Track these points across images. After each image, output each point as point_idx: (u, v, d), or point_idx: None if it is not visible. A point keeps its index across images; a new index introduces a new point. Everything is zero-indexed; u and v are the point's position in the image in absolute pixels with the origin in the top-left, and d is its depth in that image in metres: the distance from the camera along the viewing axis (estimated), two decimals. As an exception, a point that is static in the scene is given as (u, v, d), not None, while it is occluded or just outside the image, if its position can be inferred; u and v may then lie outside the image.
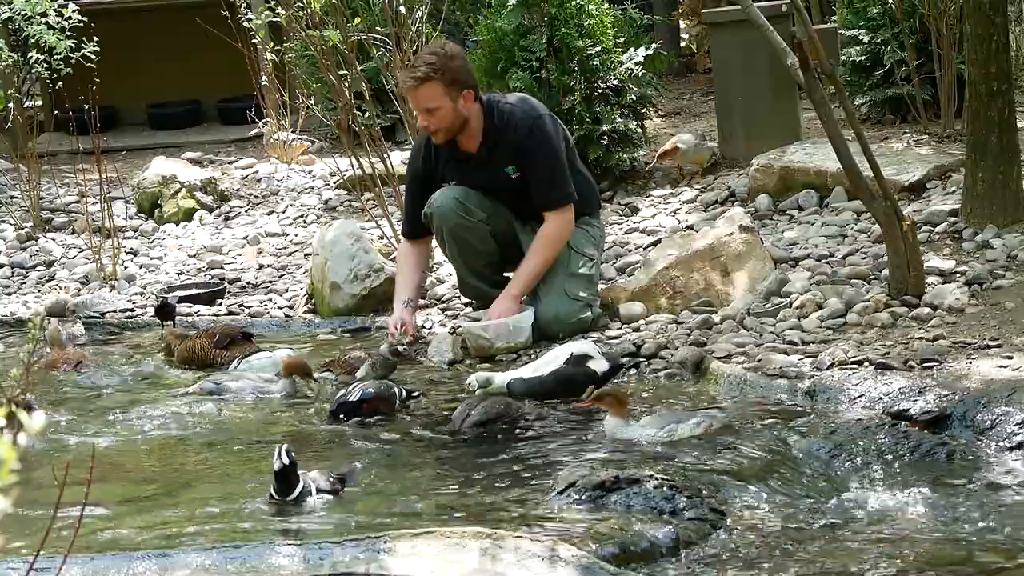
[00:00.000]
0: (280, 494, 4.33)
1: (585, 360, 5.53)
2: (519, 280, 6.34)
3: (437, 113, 6.20)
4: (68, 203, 9.97)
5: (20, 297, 8.17)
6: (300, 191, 9.98)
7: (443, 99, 6.17)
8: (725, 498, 4.25)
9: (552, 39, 8.59)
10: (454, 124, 6.25)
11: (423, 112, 6.24)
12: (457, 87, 6.18)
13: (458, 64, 6.22)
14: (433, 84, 6.15)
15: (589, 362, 5.53)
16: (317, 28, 8.27)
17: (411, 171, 6.68)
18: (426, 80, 6.15)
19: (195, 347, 6.37)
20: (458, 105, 6.20)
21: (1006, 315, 5.76)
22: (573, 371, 5.49)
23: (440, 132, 6.27)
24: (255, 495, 4.45)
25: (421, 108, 6.25)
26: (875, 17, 9.54)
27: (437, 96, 6.16)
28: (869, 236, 6.99)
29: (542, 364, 5.62)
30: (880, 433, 4.66)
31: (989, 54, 6.70)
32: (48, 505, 4.09)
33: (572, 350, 5.60)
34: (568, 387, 5.43)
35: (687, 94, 12.80)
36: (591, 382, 5.42)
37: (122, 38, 11.93)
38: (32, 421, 2.18)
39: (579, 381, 5.42)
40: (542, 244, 6.32)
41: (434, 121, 6.22)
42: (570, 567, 3.58)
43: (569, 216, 6.35)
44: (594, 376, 5.47)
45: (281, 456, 4.33)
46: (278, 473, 4.33)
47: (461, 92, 6.19)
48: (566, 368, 5.51)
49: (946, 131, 8.93)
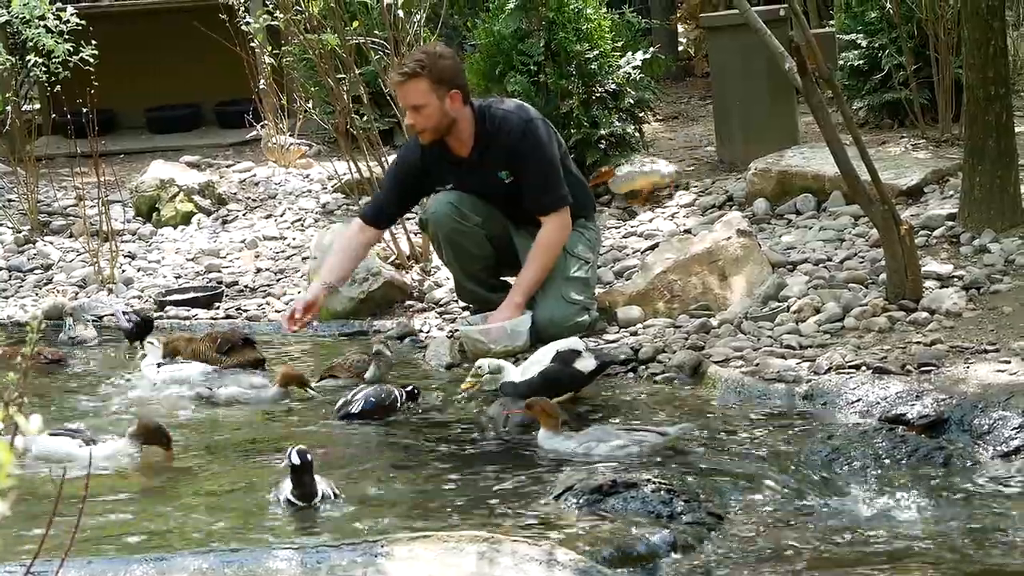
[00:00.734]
0: (301, 500, 4.28)
1: (573, 357, 5.52)
2: (521, 287, 6.33)
3: (423, 111, 6.20)
4: (66, 206, 9.97)
5: (18, 300, 8.17)
6: (298, 195, 9.98)
7: (429, 96, 6.17)
8: (722, 502, 4.25)
9: (550, 43, 8.59)
10: (440, 124, 6.24)
11: (410, 109, 6.24)
12: (444, 86, 6.18)
13: (446, 64, 6.22)
14: (419, 80, 6.16)
15: (576, 360, 5.51)
16: (315, 32, 8.28)
17: (399, 163, 6.62)
18: (413, 76, 6.16)
19: (197, 350, 6.37)
20: (444, 104, 6.19)
21: (1003, 319, 5.77)
22: (559, 371, 5.48)
23: (426, 131, 6.26)
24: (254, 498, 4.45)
25: (408, 105, 6.25)
26: (873, 21, 9.56)
27: (423, 93, 6.17)
28: (867, 240, 7.00)
29: (529, 365, 5.61)
30: (877, 437, 4.67)
31: (987, 58, 6.71)
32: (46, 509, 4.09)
33: (558, 347, 5.59)
34: (554, 386, 5.42)
35: (685, 98, 12.82)
36: (576, 381, 5.42)
37: (120, 42, 11.93)
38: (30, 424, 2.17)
39: (563, 381, 5.43)
40: (541, 251, 6.31)
41: (420, 119, 6.22)
42: (567, 571, 3.58)
43: (565, 218, 6.35)
44: (580, 375, 5.46)
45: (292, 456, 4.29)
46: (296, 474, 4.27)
47: (448, 92, 6.19)
48: (553, 367, 5.50)
49: (944, 135, 8.94)
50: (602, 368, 5.58)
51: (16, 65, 9.80)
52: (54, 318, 7.49)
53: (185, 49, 12.73)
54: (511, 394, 5.45)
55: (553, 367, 5.48)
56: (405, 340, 6.71)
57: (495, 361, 5.61)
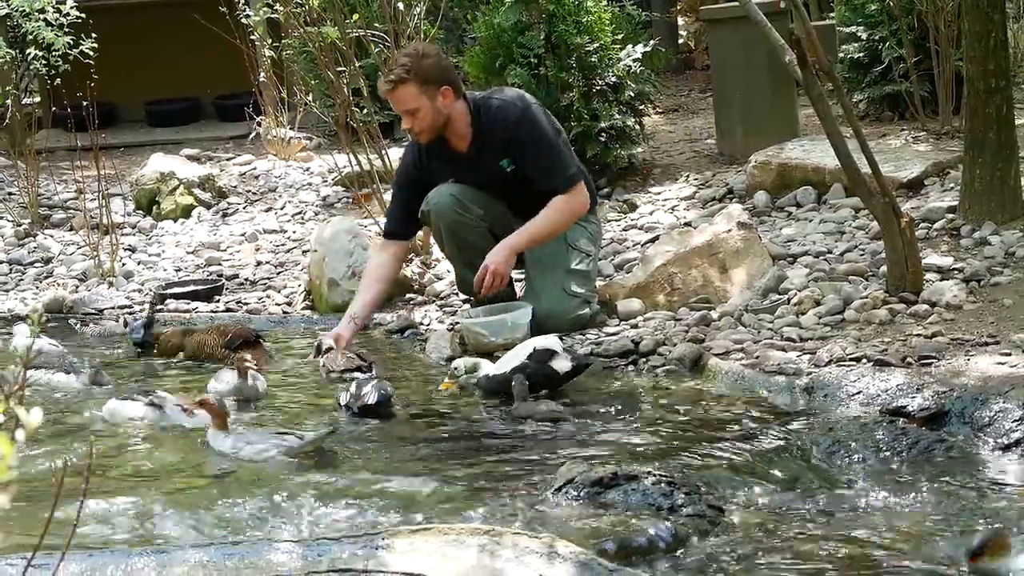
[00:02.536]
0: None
1: (548, 356, 5.51)
2: (522, 232, 6.26)
3: (418, 114, 6.23)
4: (66, 200, 9.97)
5: (18, 294, 8.17)
6: (298, 188, 9.98)
7: (420, 99, 6.19)
8: (723, 494, 4.25)
9: (550, 36, 8.59)
10: (436, 122, 6.26)
11: (405, 114, 6.27)
12: (433, 85, 6.20)
13: (431, 63, 6.23)
14: (407, 85, 6.18)
15: (552, 359, 5.50)
16: (315, 25, 8.28)
17: (401, 171, 6.69)
18: (400, 83, 6.19)
19: (205, 343, 6.35)
20: (436, 103, 6.21)
21: (1004, 312, 5.76)
22: (533, 369, 5.47)
23: (424, 133, 6.29)
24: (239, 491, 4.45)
25: (402, 110, 6.28)
26: (873, 14, 9.55)
27: (413, 97, 6.19)
28: (867, 233, 7.00)
29: (505, 361, 5.61)
30: (878, 430, 4.67)
31: (987, 51, 6.70)
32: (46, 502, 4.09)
33: (536, 344, 5.58)
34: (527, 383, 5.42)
35: (685, 91, 12.82)
36: (550, 381, 5.42)
37: (120, 35, 11.93)
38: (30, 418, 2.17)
39: (537, 379, 5.44)
40: (553, 209, 6.26)
41: (416, 122, 6.25)
42: (568, 563, 3.57)
43: (582, 191, 6.33)
44: (554, 375, 5.46)
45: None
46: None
47: (438, 89, 6.21)
48: (527, 365, 5.49)
49: (944, 128, 8.93)
50: (578, 371, 5.55)
51: (16, 58, 9.80)
52: (54, 311, 7.50)
53: (185, 42, 12.74)
54: (485, 388, 5.46)
55: (528, 365, 5.48)
56: (406, 333, 6.71)
57: (470, 360, 5.61)
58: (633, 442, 4.86)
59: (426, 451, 4.94)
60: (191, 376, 6.19)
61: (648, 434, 4.95)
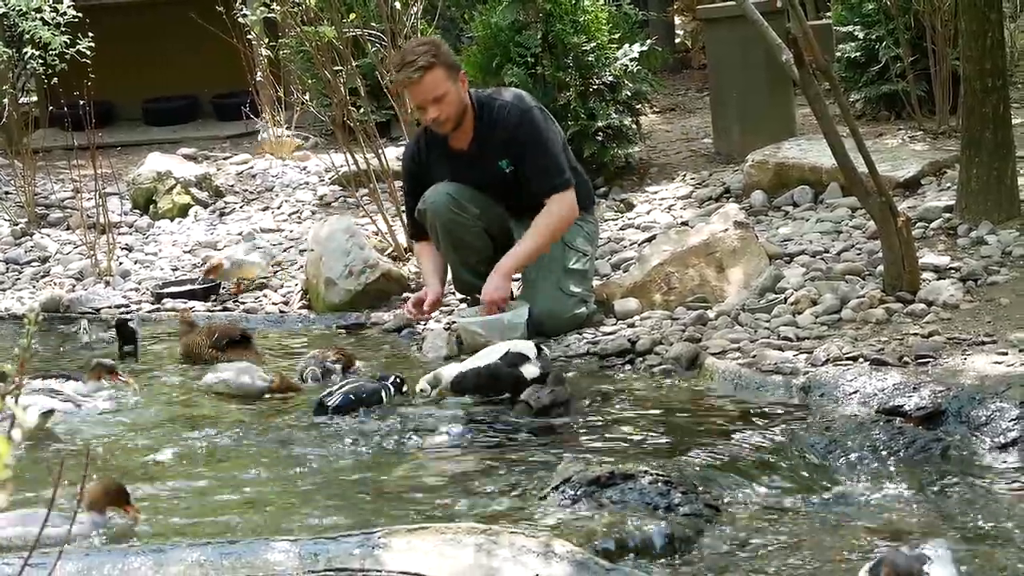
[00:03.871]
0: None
1: (520, 361, 5.50)
2: (514, 255, 6.26)
3: (445, 99, 6.17)
4: (63, 199, 9.97)
5: (15, 293, 8.17)
6: (295, 187, 9.98)
7: (447, 83, 6.17)
8: (720, 494, 4.25)
9: (547, 35, 8.59)
10: (459, 109, 6.24)
11: (431, 103, 6.18)
12: (455, 70, 6.25)
13: (447, 49, 6.31)
14: (436, 70, 6.15)
15: (522, 364, 5.49)
16: (312, 24, 8.28)
17: (406, 173, 6.67)
18: (429, 68, 6.14)
19: (193, 344, 6.34)
20: (459, 88, 6.21)
21: (1001, 311, 5.77)
22: (501, 370, 5.47)
23: (449, 121, 6.24)
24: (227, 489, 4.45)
25: (429, 99, 6.18)
26: (870, 13, 9.55)
27: (441, 81, 6.16)
28: (864, 232, 7.00)
29: (478, 357, 5.60)
30: (875, 429, 4.66)
31: (984, 50, 6.71)
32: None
33: (510, 348, 5.58)
34: (493, 383, 5.43)
35: (682, 90, 12.83)
36: (517, 384, 5.40)
37: (117, 34, 11.94)
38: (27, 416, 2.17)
39: (503, 380, 5.43)
40: (543, 223, 6.26)
41: (444, 108, 6.19)
42: (565, 562, 3.58)
43: (571, 198, 6.31)
44: (520, 379, 5.43)
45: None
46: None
47: (459, 74, 6.25)
48: (497, 365, 5.49)
49: (941, 127, 8.94)
50: (542, 379, 5.43)
51: (13, 57, 9.81)
52: (51, 310, 7.50)
53: (182, 41, 12.74)
54: (456, 383, 5.46)
55: (497, 365, 5.47)
56: (403, 332, 6.71)
57: (430, 375, 5.57)
58: (630, 441, 4.86)
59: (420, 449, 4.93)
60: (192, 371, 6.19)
61: (645, 433, 4.94)
